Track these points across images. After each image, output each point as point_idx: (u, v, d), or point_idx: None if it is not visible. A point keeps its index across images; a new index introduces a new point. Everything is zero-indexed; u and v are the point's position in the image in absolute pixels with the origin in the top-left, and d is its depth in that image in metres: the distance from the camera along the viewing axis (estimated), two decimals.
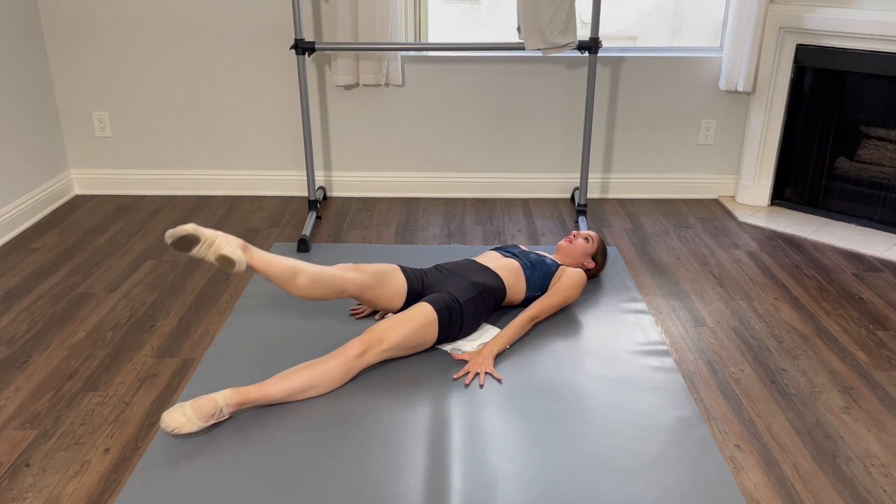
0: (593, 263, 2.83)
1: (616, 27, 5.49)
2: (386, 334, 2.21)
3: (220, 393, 2.01)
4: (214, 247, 2.11)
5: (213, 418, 1.98)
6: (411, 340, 2.26)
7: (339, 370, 2.13)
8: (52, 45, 3.66)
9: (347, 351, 2.15)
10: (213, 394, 2.00)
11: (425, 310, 2.29)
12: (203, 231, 2.10)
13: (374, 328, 2.22)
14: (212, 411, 1.97)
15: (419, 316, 2.28)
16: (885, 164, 3.39)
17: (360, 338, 2.19)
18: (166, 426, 1.93)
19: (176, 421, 1.93)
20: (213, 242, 2.11)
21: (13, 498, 1.82)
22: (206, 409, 1.97)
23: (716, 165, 3.86)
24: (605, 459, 1.93)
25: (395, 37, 3.49)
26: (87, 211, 3.68)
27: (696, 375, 2.34)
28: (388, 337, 2.21)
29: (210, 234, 2.11)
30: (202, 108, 3.77)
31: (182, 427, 1.94)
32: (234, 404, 2.02)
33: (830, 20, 3.27)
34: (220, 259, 2.12)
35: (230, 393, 2.02)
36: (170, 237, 2.07)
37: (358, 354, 2.15)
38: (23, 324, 2.63)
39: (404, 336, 2.24)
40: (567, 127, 3.79)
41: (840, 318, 2.69)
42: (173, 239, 2.07)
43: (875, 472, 1.92)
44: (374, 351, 2.19)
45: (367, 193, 3.92)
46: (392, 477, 1.87)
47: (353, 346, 2.16)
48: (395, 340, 2.22)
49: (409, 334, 2.25)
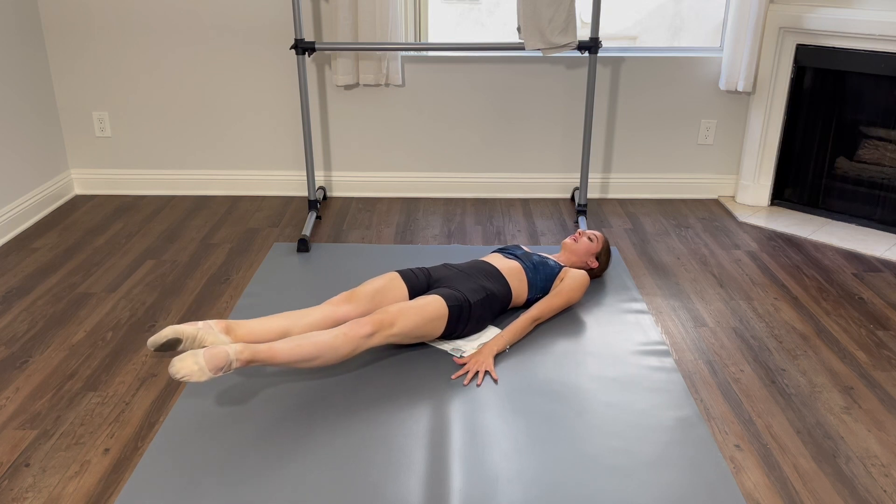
0: (597, 263, 2.83)
1: (616, 27, 5.49)
2: (397, 319, 2.22)
3: (232, 346, 1.97)
4: (198, 341, 2.07)
5: (222, 371, 1.94)
6: (420, 330, 2.29)
7: (347, 346, 2.13)
8: (52, 45, 3.66)
9: (358, 329, 2.14)
10: (225, 346, 1.97)
11: (438, 303, 2.31)
12: (182, 330, 2.05)
13: (386, 310, 2.23)
14: (222, 364, 1.94)
15: (431, 308, 2.29)
16: (885, 164, 3.39)
17: (372, 318, 2.18)
18: (176, 372, 1.88)
19: (187, 368, 1.89)
20: (196, 337, 2.07)
21: (13, 498, 1.82)
22: (218, 361, 1.93)
23: (716, 165, 3.86)
24: (605, 459, 1.93)
25: (395, 37, 3.49)
26: (87, 211, 3.68)
27: (696, 375, 2.34)
28: (398, 322, 2.22)
29: (190, 331, 2.06)
30: (202, 108, 3.77)
31: (192, 375, 1.89)
32: (244, 360, 1.98)
33: (830, 20, 3.27)
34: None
35: (241, 348, 1.98)
36: (152, 345, 2.02)
37: (367, 334, 2.15)
38: (23, 324, 2.63)
39: (414, 325, 2.26)
40: (567, 127, 3.79)
41: (840, 318, 2.69)
42: (155, 346, 2.03)
43: (875, 472, 1.92)
44: (384, 333, 2.19)
45: (367, 193, 3.92)
46: (392, 477, 1.87)
47: (364, 326, 2.15)
48: (405, 328, 2.24)
49: (420, 324, 2.27)
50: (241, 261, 3.13)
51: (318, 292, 2.83)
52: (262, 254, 3.20)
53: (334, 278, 2.94)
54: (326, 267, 3.05)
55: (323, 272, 3.00)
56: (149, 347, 2.11)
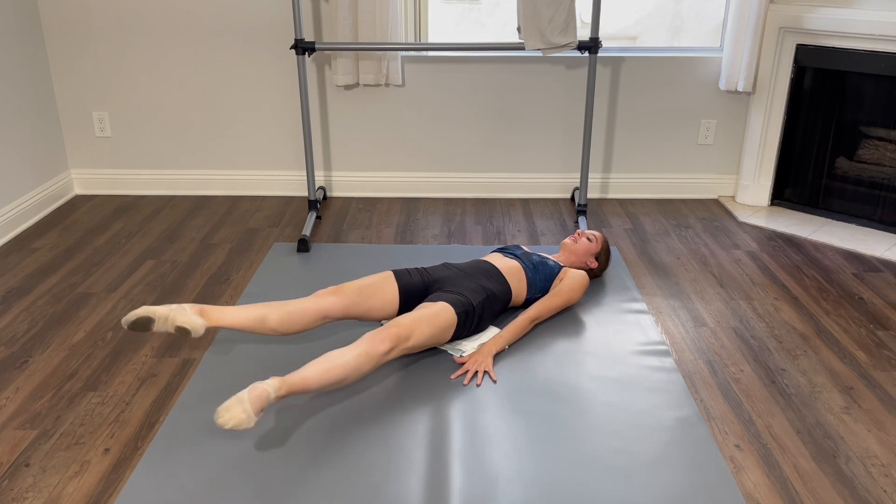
0: (596, 263, 2.83)
1: (616, 27, 5.50)
2: (412, 332, 2.21)
3: (270, 384, 1.92)
4: (170, 321, 2.11)
5: (263, 411, 1.90)
6: (433, 340, 2.28)
7: (369, 365, 2.11)
8: (52, 45, 3.66)
9: (378, 346, 2.12)
10: (264, 384, 1.91)
11: (448, 312, 2.30)
12: (155, 310, 2.11)
13: (398, 323, 2.20)
14: (265, 405, 1.89)
15: (442, 318, 2.28)
16: (885, 164, 3.39)
17: (388, 333, 2.15)
18: (225, 423, 1.82)
19: (236, 418, 1.82)
20: (167, 317, 2.11)
21: (13, 498, 1.82)
22: (261, 402, 1.88)
23: (716, 165, 3.86)
24: (605, 459, 1.93)
25: (395, 37, 3.49)
26: (87, 211, 3.68)
27: (696, 375, 2.34)
28: (414, 335, 2.21)
29: (162, 312, 2.11)
30: (202, 108, 3.77)
31: (241, 424, 1.83)
32: (280, 396, 1.95)
33: (830, 20, 3.27)
34: (177, 330, 2.11)
35: (279, 384, 1.94)
36: (125, 323, 2.08)
37: (386, 351, 2.13)
38: (23, 324, 2.63)
39: (429, 336, 2.25)
40: (567, 127, 3.79)
41: (840, 318, 2.69)
42: (128, 324, 2.08)
43: (875, 472, 1.92)
44: (401, 347, 2.18)
45: (367, 193, 3.92)
46: (392, 477, 1.87)
47: (383, 343, 2.13)
48: (421, 339, 2.23)
49: (434, 334, 2.26)
50: (241, 261, 3.13)
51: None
52: (262, 254, 3.20)
53: (334, 278, 2.94)
54: (326, 267, 3.05)
55: (323, 272, 3.00)
56: (122, 325, 2.13)
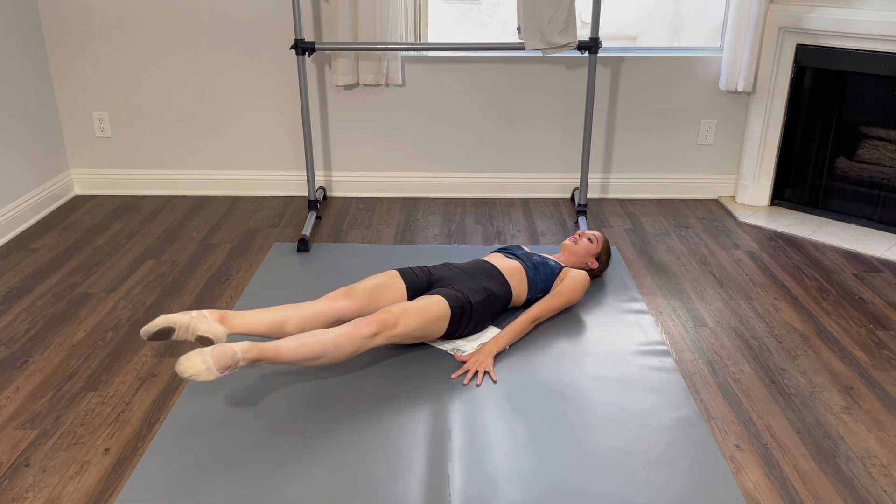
0: (597, 263, 2.83)
1: (616, 27, 5.50)
2: (400, 319, 2.22)
3: (239, 345, 1.97)
4: (191, 330, 2.08)
5: (229, 370, 1.94)
6: (422, 330, 2.29)
7: (351, 346, 2.13)
8: (52, 45, 3.66)
9: (362, 329, 2.14)
10: (232, 344, 1.96)
11: (441, 305, 2.31)
12: (175, 319, 2.06)
13: (389, 310, 2.23)
14: (230, 362, 1.93)
15: (434, 309, 2.29)
16: (885, 164, 3.39)
17: (375, 318, 2.18)
18: (183, 371, 1.88)
19: (195, 367, 1.88)
20: (188, 326, 2.08)
21: (13, 498, 1.82)
22: (225, 360, 1.92)
23: (716, 165, 3.86)
24: (605, 459, 1.93)
25: (395, 37, 3.49)
26: (87, 211, 3.68)
27: (696, 375, 2.34)
28: (401, 323, 2.22)
29: (183, 320, 2.07)
30: (202, 108, 3.77)
31: (200, 374, 1.89)
32: (250, 359, 1.98)
33: (830, 20, 3.27)
34: (199, 339, 2.10)
35: (248, 346, 1.98)
36: (145, 334, 2.04)
37: (371, 334, 2.15)
38: (23, 324, 2.63)
39: (417, 325, 2.26)
40: (567, 127, 3.79)
41: (840, 318, 2.69)
42: (149, 335, 2.04)
43: (875, 472, 1.92)
44: (387, 334, 2.19)
45: (367, 193, 3.92)
46: (392, 477, 1.87)
47: (368, 326, 2.15)
48: (408, 328, 2.24)
49: (422, 325, 2.27)
50: (241, 261, 3.13)
51: (319, 292, 2.82)
52: (262, 254, 3.20)
53: (334, 278, 2.94)
54: (326, 267, 3.05)
55: (323, 272, 3.00)
56: (141, 336, 2.11)
